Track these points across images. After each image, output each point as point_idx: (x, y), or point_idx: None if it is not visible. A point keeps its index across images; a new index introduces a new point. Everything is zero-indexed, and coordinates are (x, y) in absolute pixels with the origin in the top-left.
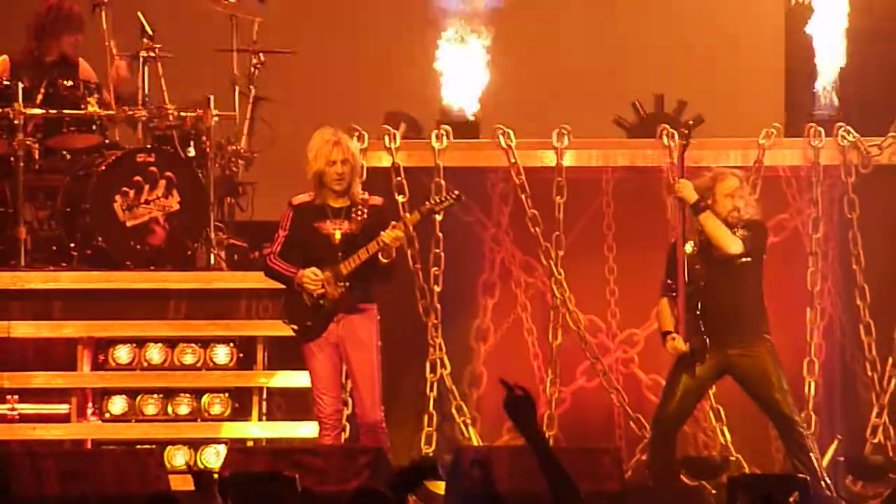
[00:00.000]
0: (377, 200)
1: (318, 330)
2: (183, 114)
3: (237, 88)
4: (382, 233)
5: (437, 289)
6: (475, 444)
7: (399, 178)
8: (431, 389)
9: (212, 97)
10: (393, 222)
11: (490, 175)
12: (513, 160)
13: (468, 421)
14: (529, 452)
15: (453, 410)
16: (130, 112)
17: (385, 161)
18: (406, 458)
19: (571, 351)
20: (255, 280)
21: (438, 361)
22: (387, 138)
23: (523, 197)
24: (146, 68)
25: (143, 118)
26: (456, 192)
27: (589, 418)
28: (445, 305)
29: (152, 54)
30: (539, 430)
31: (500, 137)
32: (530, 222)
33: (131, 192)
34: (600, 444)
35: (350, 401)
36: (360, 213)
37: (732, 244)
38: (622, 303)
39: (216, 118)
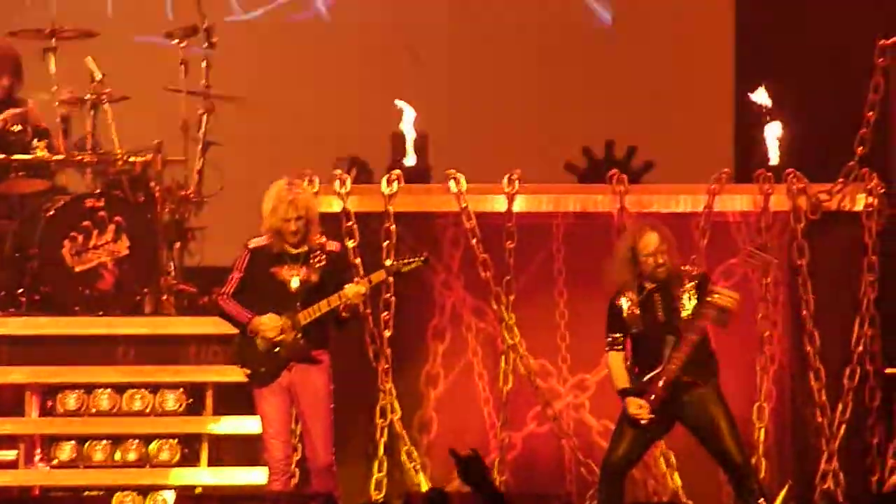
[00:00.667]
0: (334, 246)
1: (271, 375)
2: (132, 158)
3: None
4: (346, 287)
5: (387, 333)
6: (425, 488)
7: (350, 224)
8: (381, 434)
9: (161, 142)
10: (357, 278)
11: (440, 220)
12: (463, 205)
13: (418, 466)
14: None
15: (403, 456)
16: (80, 157)
17: (336, 206)
18: (356, 503)
19: (522, 396)
20: (204, 325)
21: (389, 406)
22: (337, 183)
23: (474, 241)
24: (95, 113)
25: (93, 163)
26: (425, 254)
27: (539, 464)
28: (396, 350)
29: (102, 98)
30: (494, 487)
31: (451, 182)
32: (481, 267)
33: (80, 237)
34: (551, 490)
35: (300, 446)
36: (317, 258)
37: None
38: (573, 348)
39: (166, 163)
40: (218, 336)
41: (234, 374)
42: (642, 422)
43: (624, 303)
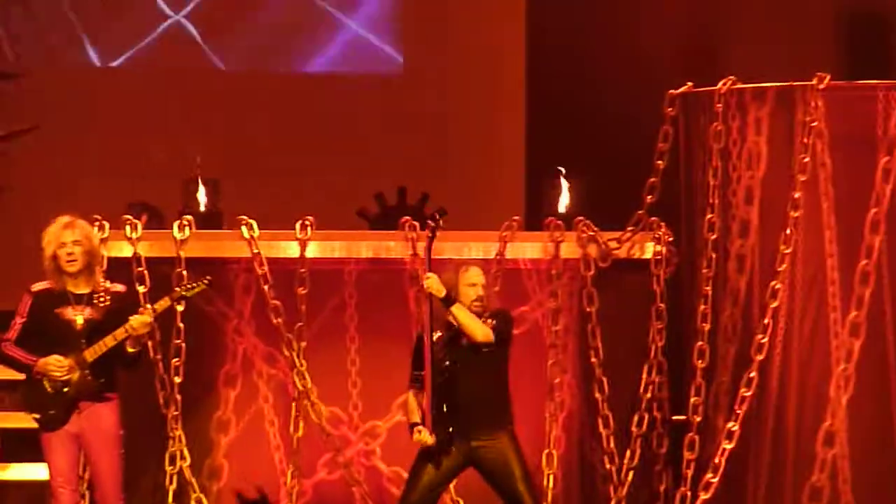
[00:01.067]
0: (119, 287)
1: (60, 418)
2: None
3: None
4: (131, 318)
5: (177, 380)
6: None
7: (140, 269)
8: (171, 482)
9: None
10: (141, 307)
11: (233, 266)
12: (255, 251)
13: None
14: None
15: (193, 503)
16: None
17: (126, 251)
18: None
19: (313, 443)
20: None
21: (178, 454)
22: (128, 228)
23: (265, 287)
24: None
25: None
26: (207, 278)
27: None
28: (186, 396)
29: None
30: None
31: (243, 228)
32: (272, 313)
33: None
34: None
35: (87, 493)
36: (101, 299)
37: (484, 333)
38: (364, 394)
39: None
40: (4, 382)
41: (22, 421)
42: (428, 448)
43: (432, 340)
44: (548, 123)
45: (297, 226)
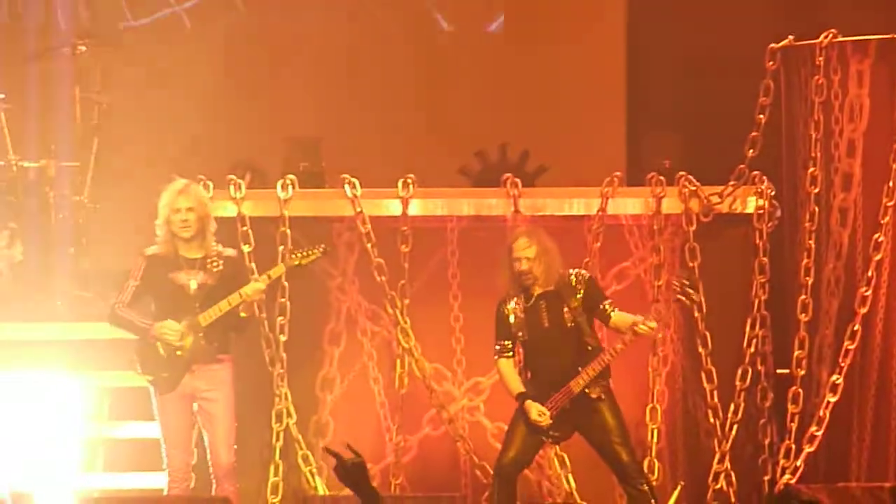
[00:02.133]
0: (231, 252)
1: (173, 381)
2: (26, 164)
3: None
4: (246, 286)
5: (282, 338)
6: (321, 493)
7: (245, 228)
8: (277, 439)
9: (54, 147)
10: (255, 275)
11: (335, 224)
12: (358, 209)
13: (314, 470)
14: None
15: (299, 460)
16: None
17: (230, 211)
18: None
19: (417, 399)
20: (100, 331)
21: (284, 411)
22: (231, 188)
23: (369, 246)
24: None
25: None
26: (322, 246)
27: (435, 466)
28: (291, 355)
29: None
30: (373, 489)
31: (346, 187)
32: (376, 271)
33: None
34: (446, 492)
35: (195, 451)
36: (214, 263)
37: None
38: (468, 351)
39: (59, 169)
40: (114, 341)
41: (133, 380)
42: (542, 427)
43: (510, 309)
44: (648, 78)
45: (400, 184)
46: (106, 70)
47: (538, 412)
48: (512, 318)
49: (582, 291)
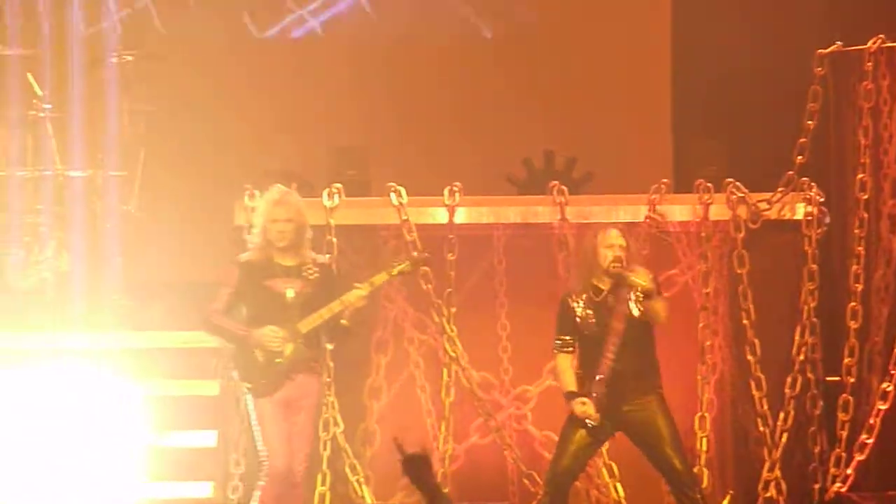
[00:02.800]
0: (324, 259)
1: (272, 388)
2: (73, 174)
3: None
4: (348, 293)
5: (329, 346)
6: (369, 502)
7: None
8: (325, 448)
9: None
10: (356, 283)
11: (382, 232)
12: (404, 217)
13: (361, 479)
14: None
15: (347, 469)
16: (22, 173)
17: None
18: None
19: (464, 408)
20: (147, 340)
21: (332, 420)
22: None
23: (415, 254)
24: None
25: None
26: (424, 254)
27: (482, 475)
28: (338, 363)
29: (41, 115)
30: (437, 485)
31: (392, 195)
32: (422, 279)
33: (21, 253)
34: (494, 501)
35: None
36: (310, 271)
37: (665, 313)
38: (515, 359)
39: (107, 178)
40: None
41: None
42: (589, 423)
43: (577, 305)
44: (694, 84)
45: (446, 192)
46: (152, 80)
47: (580, 403)
48: (578, 314)
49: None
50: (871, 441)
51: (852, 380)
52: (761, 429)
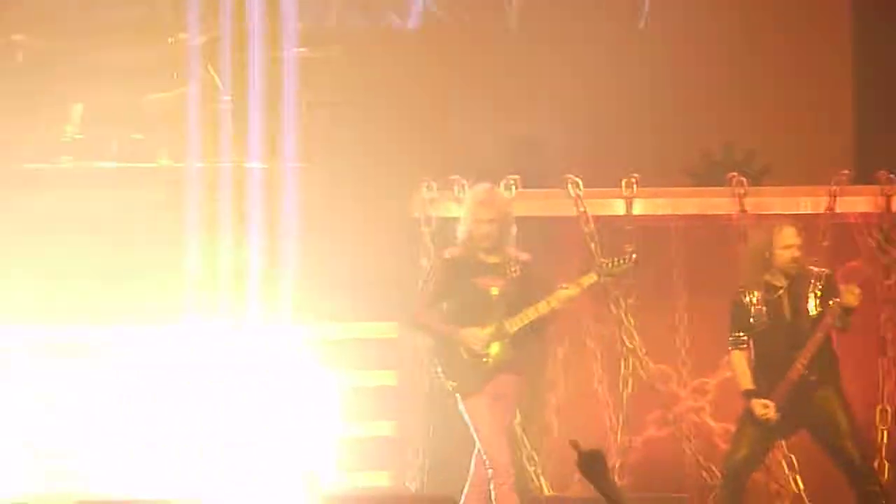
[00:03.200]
0: (525, 256)
1: (477, 386)
2: (251, 165)
3: None
4: (557, 292)
5: None
6: (546, 493)
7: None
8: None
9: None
10: (564, 283)
11: (559, 224)
12: (581, 209)
13: (539, 471)
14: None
15: (524, 460)
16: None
17: (454, 212)
18: None
19: (642, 400)
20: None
21: None
22: (455, 188)
23: (592, 245)
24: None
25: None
26: (633, 255)
27: (659, 467)
28: None
29: (221, 106)
30: (613, 484)
31: (570, 186)
32: None
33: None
34: (672, 493)
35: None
36: (513, 269)
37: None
38: (693, 351)
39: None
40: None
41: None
42: (769, 423)
43: (750, 301)
44: (876, 75)
45: (623, 183)
46: (332, 72)
47: (762, 405)
48: (752, 310)
49: (821, 286)
50: None
51: None
52: None
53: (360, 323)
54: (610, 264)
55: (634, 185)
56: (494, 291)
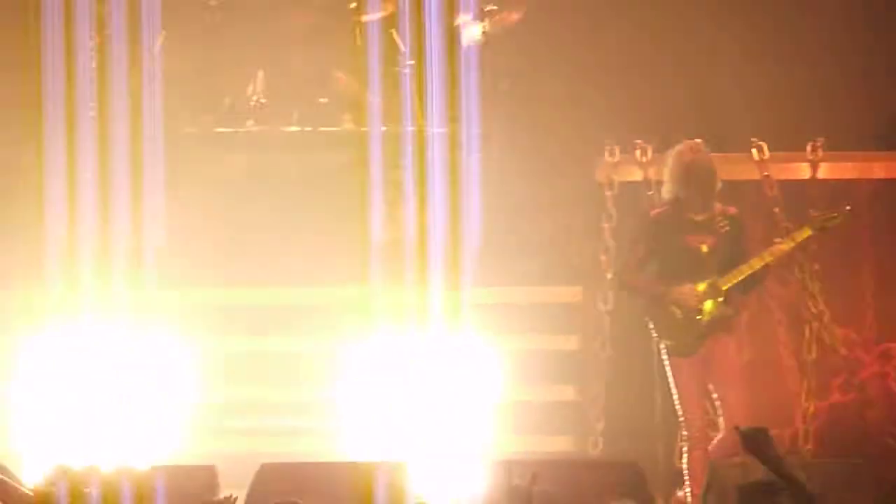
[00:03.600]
0: (733, 210)
1: (692, 346)
2: (434, 130)
3: None
4: (769, 248)
5: None
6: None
7: (650, 193)
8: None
9: None
10: (777, 238)
11: (742, 188)
12: (765, 173)
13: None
14: None
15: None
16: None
17: (637, 175)
18: (655, 473)
19: (826, 365)
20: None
21: None
22: (638, 152)
23: (776, 210)
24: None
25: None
26: (847, 207)
27: (843, 433)
28: None
29: (404, 71)
30: (780, 459)
31: (754, 150)
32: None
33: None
34: (855, 459)
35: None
36: (721, 225)
37: None
38: (879, 316)
39: (466, 134)
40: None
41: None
42: None
43: None
44: None
45: (808, 147)
46: (515, 34)
47: None
48: None
49: None
50: None
51: None
52: None
53: (543, 287)
54: (823, 218)
55: (820, 149)
56: (704, 248)
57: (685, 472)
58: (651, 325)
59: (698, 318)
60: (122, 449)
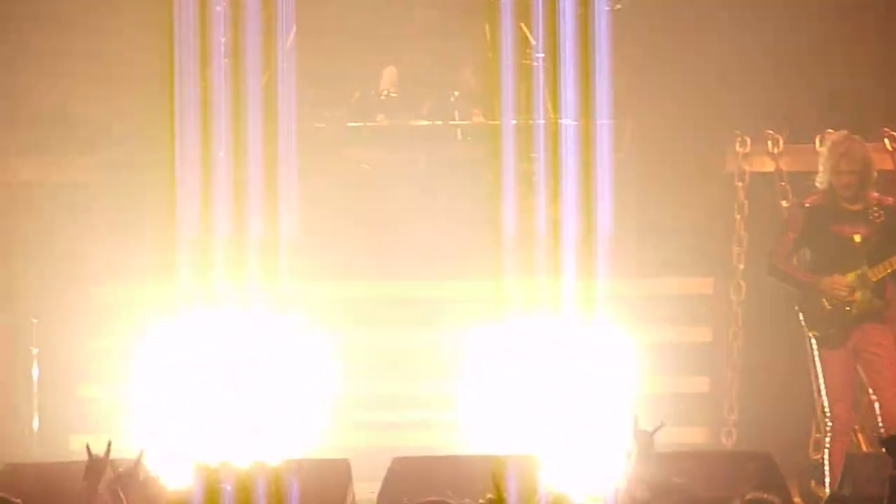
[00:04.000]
0: (890, 201)
1: (841, 337)
2: (565, 122)
3: None
4: None
5: None
6: (863, 449)
7: (783, 183)
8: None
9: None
10: None
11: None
12: None
13: (857, 427)
14: None
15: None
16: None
17: (768, 166)
18: (792, 463)
19: None
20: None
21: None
22: (769, 143)
23: None
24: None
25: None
26: None
27: None
28: None
29: (534, 63)
30: None
31: (885, 140)
32: None
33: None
34: None
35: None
36: (876, 215)
37: None
38: None
39: (599, 125)
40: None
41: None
42: None
43: None
44: None
45: None
46: (648, 25)
47: None
48: None
49: None
50: None
51: None
52: None
53: (675, 278)
54: None
55: None
56: (857, 238)
57: (826, 463)
58: (801, 316)
59: (847, 308)
60: (255, 444)
